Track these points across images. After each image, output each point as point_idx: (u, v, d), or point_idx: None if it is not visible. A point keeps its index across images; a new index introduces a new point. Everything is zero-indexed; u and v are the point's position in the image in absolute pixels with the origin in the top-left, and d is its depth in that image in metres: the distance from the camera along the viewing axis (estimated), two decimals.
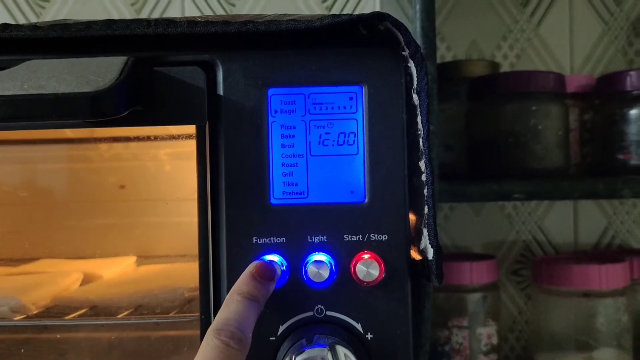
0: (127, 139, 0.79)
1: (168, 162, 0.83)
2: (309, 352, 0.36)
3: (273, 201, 0.41)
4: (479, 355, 0.74)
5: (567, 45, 0.88)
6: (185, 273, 0.64)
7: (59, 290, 0.58)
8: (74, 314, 0.52)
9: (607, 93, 0.73)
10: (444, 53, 0.87)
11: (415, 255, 0.42)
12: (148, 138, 0.76)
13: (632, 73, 0.70)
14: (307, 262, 0.40)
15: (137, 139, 0.78)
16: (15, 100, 0.36)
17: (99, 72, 0.37)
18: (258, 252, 0.40)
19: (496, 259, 0.76)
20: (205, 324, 0.41)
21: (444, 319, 0.74)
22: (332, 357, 0.36)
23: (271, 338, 0.40)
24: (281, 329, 0.40)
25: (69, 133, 0.78)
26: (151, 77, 0.41)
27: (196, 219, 0.82)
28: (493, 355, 0.74)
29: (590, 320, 0.72)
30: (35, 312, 0.52)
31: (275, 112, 0.41)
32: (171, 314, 0.52)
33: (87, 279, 0.63)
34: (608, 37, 0.88)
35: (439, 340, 0.74)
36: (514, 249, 0.88)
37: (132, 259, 0.74)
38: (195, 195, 0.82)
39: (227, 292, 0.40)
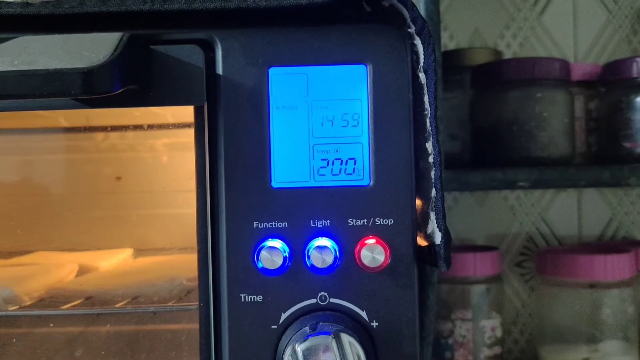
0: (124, 128, 0.77)
1: (165, 153, 0.81)
2: (312, 340, 0.35)
3: (274, 184, 0.39)
4: (483, 348, 0.72)
5: (571, 34, 0.87)
6: (183, 264, 0.63)
7: (53, 282, 0.56)
8: (69, 305, 0.50)
9: (612, 80, 0.71)
10: (447, 42, 0.86)
11: (420, 241, 0.41)
12: (145, 127, 0.74)
13: (639, 59, 0.68)
14: (310, 248, 0.39)
15: (134, 127, 0.77)
16: (5, 76, 0.34)
17: (92, 49, 0.36)
18: (259, 237, 0.39)
19: (500, 251, 0.75)
20: (204, 312, 0.40)
21: (448, 311, 0.73)
22: (337, 345, 0.35)
23: (273, 326, 0.39)
24: (283, 317, 0.39)
25: (63, 122, 0.76)
26: (147, 55, 0.39)
27: (194, 211, 0.81)
28: (497, 348, 0.73)
29: (596, 312, 0.71)
30: (28, 303, 0.51)
31: (277, 92, 0.40)
32: (170, 304, 0.50)
33: (82, 271, 0.62)
34: (612, 25, 0.87)
35: (442, 332, 0.72)
36: (517, 241, 0.87)
37: (128, 251, 0.73)
38: (193, 187, 0.81)
39: (227, 279, 0.39)
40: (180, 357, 0.54)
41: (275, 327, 0.38)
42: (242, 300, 0.39)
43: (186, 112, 0.73)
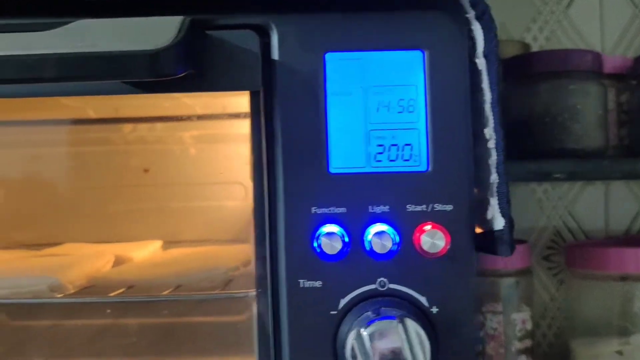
0: (153, 120, 0.77)
1: (193, 145, 0.81)
2: (377, 325, 0.35)
3: (332, 170, 0.39)
4: (514, 341, 0.72)
5: (598, 28, 0.86)
6: (221, 254, 0.63)
7: (93, 271, 0.56)
8: (112, 294, 0.50)
9: None
10: None
11: (476, 228, 0.41)
12: (178, 118, 0.74)
13: None
14: (368, 233, 0.38)
15: (164, 119, 0.76)
16: (68, 59, 0.34)
17: (154, 32, 0.35)
18: (317, 223, 0.39)
19: (529, 244, 0.75)
20: (261, 299, 0.39)
21: (478, 304, 0.72)
22: (403, 329, 0.34)
23: (332, 312, 0.38)
24: (342, 302, 0.38)
25: (91, 113, 0.76)
26: (204, 40, 0.39)
27: (227, 203, 0.81)
28: (527, 341, 0.73)
29: (627, 305, 0.71)
30: (72, 291, 0.50)
31: (332, 78, 0.40)
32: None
33: (117, 262, 0.61)
34: (639, 20, 0.87)
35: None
36: (545, 235, 0.86)
37: (157, 243, 0.72)
38: (223, 179, 0.81)
39: (286, 266, 0.39)
40: (226, 346, 0.54)
41: (335, 312, 0.38)
42: (301, 286, 0.39)
43: (216, 103, 0.73)
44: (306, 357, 0.38)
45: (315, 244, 0.38)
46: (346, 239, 0.38)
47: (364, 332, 0.35)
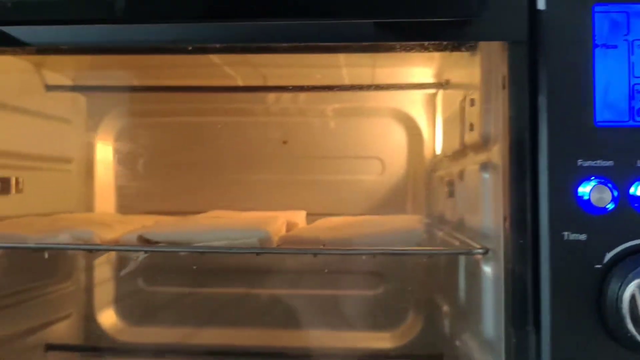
0: (298, 89, 0.77)
1: (333, 118, 0.81)
2: None
3: (597, 123, 0.39)
4: None
5: None
6: (388, 222, 0.62)
7: (281, 231, 0.56)
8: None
9: None
10: None
11: None
12: (324, 89, 0.74)
13: None
14: (637, 188, 0.38)
15: (309, 89, 0.76)
16: None
17: None
18: (583, 176, 0.38)
19: None
20: (519, 252, 0.39)
21: None
22: None
23: (596, 266, 0.38)
24: (608, 256, 0.38)
25: (240, 81, 0.77)
26: None
27: (363, 177, 0.81)
28: None
29: None
30: (275, 245, 0.51)
31: (600, 30, 0.39)
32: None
33: (288, 227, 0.62)
34: None
35: None
36: None
37: (302, 214, 0.73)
38: (360, 154, 0.81)
39: (549, 218, 0.38)
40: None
41: (599, 266, 0.38)
42: (565, 238, 0.38)
43: (365, 74, 0.73)
44: (567, 311, 0.38)
45: (580, 197, 0.38)
46: (615, 193, 0.38)
47: None
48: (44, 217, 0.62)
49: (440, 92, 0.72)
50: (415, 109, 0.78)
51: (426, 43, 0.42)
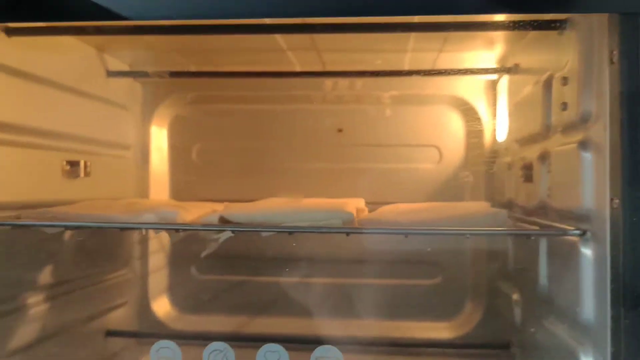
0: (356, 75, 0.76)
1: (389, 106, 0.81)
2: None
3: None
4: None
5: None
6: (460, 207, 0.62)
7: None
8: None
9: None
10: None
11: None
12: (382, 74, 0.73)
13: None
14: None
15: (368, 74, 0.76)
16: None
17: None
18: None
19: None
20: (630, 231, 0.38)
21: None
22: None
23: None
24: None
25: (297, 67, 0.76)
26: None
27: (420, 166, 0.80)
28: None
29: None
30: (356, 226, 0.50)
31: None
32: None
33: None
34: None
35: None
36: None
37: (362, 201, 0.72)
38: (417, 142, 0.80)
39: None
40: None
41: None
42: None
43: (426, 59, 0.72)
44: None
45: None
46: None
47: None
48: (113, 201, 0.62)
49: (505, 78, 0.71)
50: (475, 95, 0.77)
51: (523, 19, 0.41)
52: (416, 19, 0.52)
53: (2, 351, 0.53)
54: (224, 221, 0.51)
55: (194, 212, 0.55)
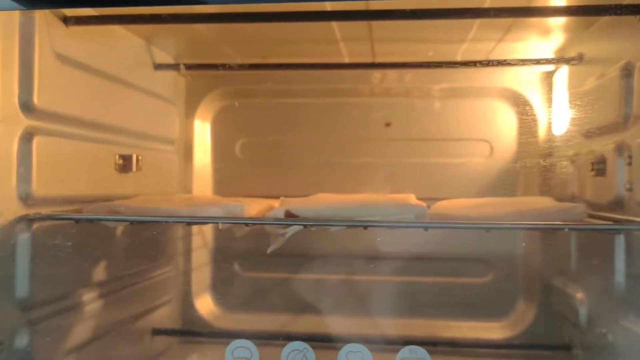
0: (406, 66, 0.74)
1: (439, 99, 0.78)
2: None
3: None
4: None
5: None
6: (524, 202, 0.59)
7: None
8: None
9: None
10: None
11: None
12: (433, 65, 0.71)
13: None
14: None
15: (418, 66, 0.73)
16: None
17: None
18: None
19: None
20: None
21: None
22: None
23: None
24: None
25: (346, 58, 0.74)
26: None
27: (471, 160, 0.78)
28: None
29: None
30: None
31: None
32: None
33: None
34: None
35: None
36: None
37: (412, 196, 0.70)
38: (467, 136, 0.78)
39: None
40: None
41: None
42: None
43: (480, 50, 0.70)
44: None
45: None
46: None
47: None
48: (168, 195, 0.61)
49: (564, 68, 0.69)
50: (529, 88, 0.74)
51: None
52: (487, 2, 0.50)
53: (59, 350, 0.51)
54: (289, 215, 0.49)
55: (254, 207, 0.53)
